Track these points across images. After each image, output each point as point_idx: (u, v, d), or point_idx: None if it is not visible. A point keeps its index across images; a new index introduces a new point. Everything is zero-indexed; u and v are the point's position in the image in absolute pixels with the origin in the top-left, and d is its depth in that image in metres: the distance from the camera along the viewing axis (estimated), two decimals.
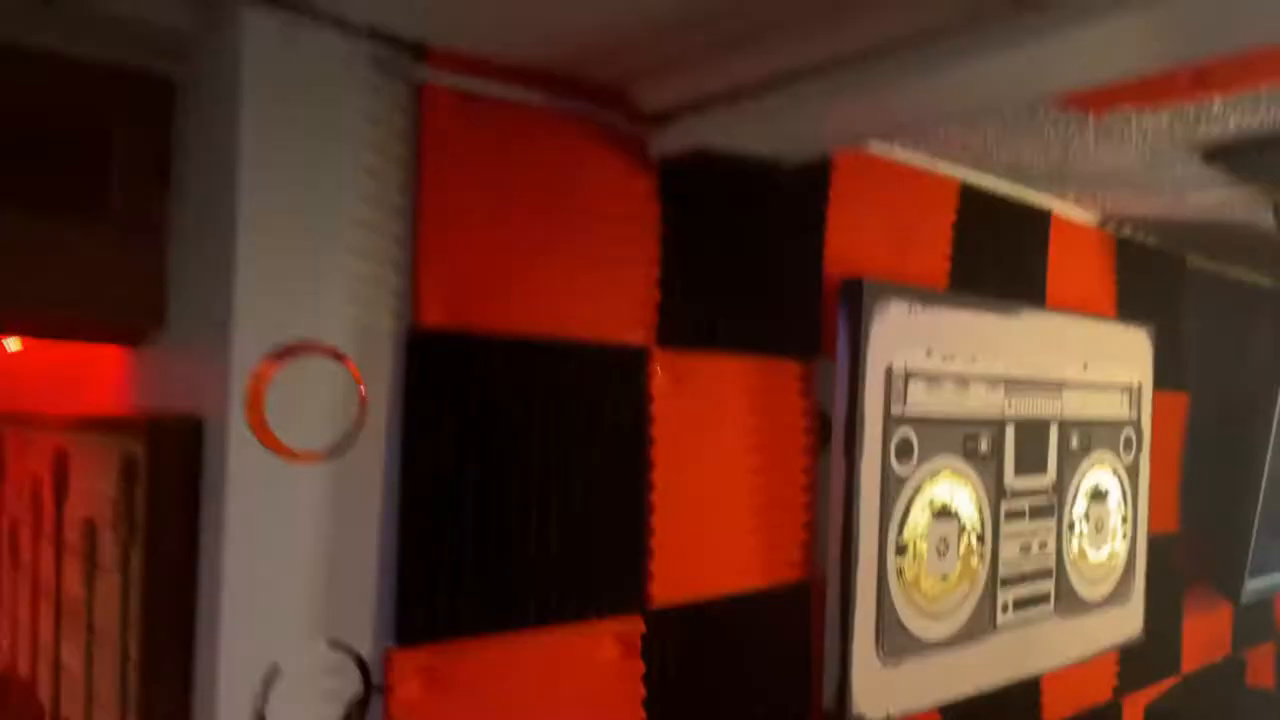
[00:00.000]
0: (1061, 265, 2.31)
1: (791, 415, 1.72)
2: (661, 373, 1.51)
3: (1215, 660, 2.90)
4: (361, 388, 1.21)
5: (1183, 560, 2.76)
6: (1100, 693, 2.43)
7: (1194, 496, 2.83)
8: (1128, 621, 2.40)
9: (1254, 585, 2.64)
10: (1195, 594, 2.82)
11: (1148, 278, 2.61)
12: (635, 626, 1.46)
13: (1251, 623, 3.08)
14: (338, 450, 1.19)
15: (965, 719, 2.02)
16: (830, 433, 1.73)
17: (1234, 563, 2.61)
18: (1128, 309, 2.51)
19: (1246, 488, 2.60)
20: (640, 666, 1.46)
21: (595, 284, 1.43)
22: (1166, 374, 2.67)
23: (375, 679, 1.21)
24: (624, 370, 1.45)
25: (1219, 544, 2.72)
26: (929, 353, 1.84)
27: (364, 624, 1.22)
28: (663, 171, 1.51)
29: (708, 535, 1.57)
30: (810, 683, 1.72)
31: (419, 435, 1.25)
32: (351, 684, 1.20)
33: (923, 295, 1.83)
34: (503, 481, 1.31)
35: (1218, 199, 2.25)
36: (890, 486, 1.77)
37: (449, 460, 1.26)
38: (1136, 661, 2.52)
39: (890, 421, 1.76)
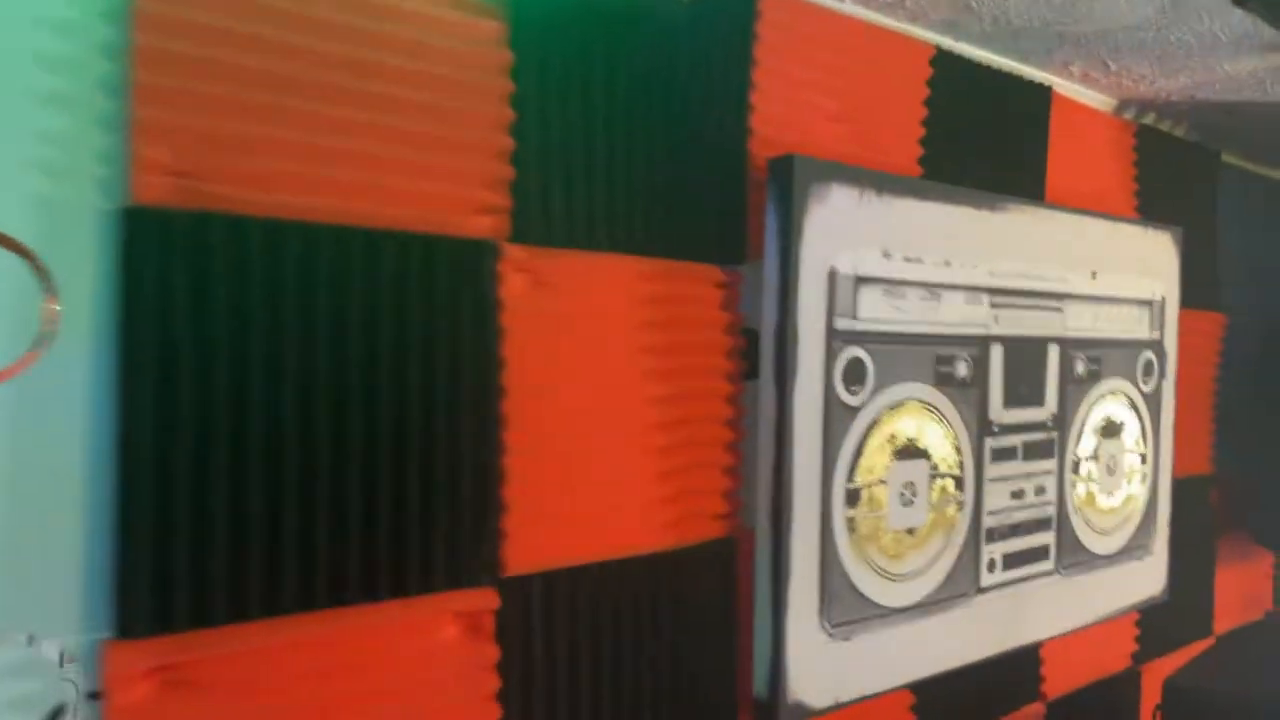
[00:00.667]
0: (1066, 154, 1.92)
1: (709, 334, 1.37)
2: (516, 276, 1.16)
3: (1252, 620, 2.54)
4: (50, 287, 0.88)
5: (1216, 506, 2.39)
6: (1115, 661, 2.08)
7: (1230, 433, 2.44)
8: (1148, 578, 2.04)
9: None
10: (1230, 544, 2.45)
11: (1175, 175, 2.20)
12: (484, 601, 1.13)
13: None
14: (13, 373, 0.87)
15: (945, 698, 1.69)
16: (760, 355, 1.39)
17: (1276, 508, 2.23)
18: (1150, 209, 2.12)
19: None
20: (492, 651, 1.14)
21: (410, 153, 1.08)
22: (1197, 289, 2.27)
23: (87, 682, 0.90)
24: (458, 270, 1.11)
25: (1259, 487, 2.34)
26: (887, 253, 1.47)
27: (68, 610, 0.91)
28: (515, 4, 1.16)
29: (590, 483, 1.23)
30: (736, 665, 1.39)
31: (138, 352, 0.92)
32: (53, 688, 0.90)
33: (878, 180, 1.46)
34: (271, 415, 0.98)
35: (1254, 67, 1.84)
36: (837, 420, 1.42)
37: (186, 386, 0.93)
38: (1160, 624, 2.16)
39: (835, 339, 1.41)
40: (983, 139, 1.74)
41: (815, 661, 1.40)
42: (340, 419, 1.02)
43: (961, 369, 1.60)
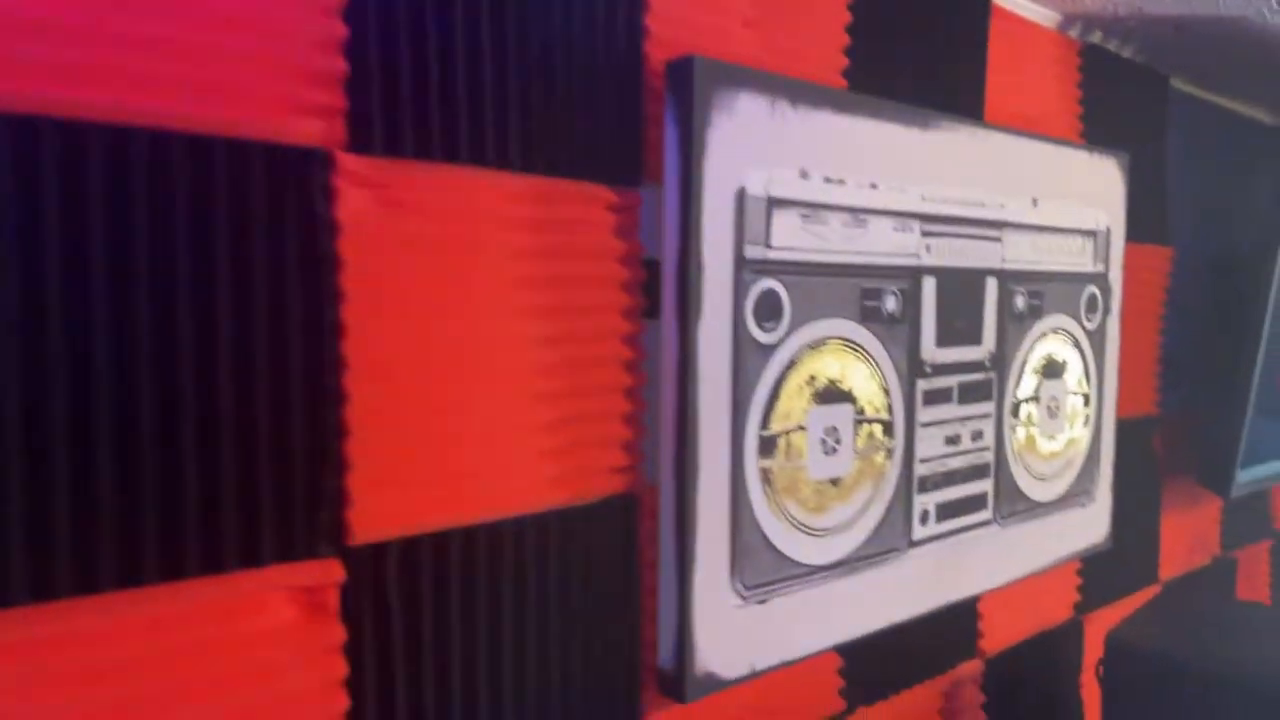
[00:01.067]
0: (1007, 72, 1.77)
1: (601, 265, 1.20)
2: (355, 192, 0.98)
3: (1200, 565, 2.47)
4: None
5: (1161, 449, 2.30)
6: (1056, 612, 1.99)
7: (1176, 372, 2.35)
8: (1090, 525, 1.94)
9: (1246, 477, 2.19)
10: (1176, 488, 2.37)
11: (1122, 99, 2.07)
12: (325, 574, 0.97)
13: (1243, 519, 2.64)
14: None
15: (875, 660, 1.58)
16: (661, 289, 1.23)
17: (1222, 451, 2.15)
18: (1095, 135, 1.99)
19: (1238, 363, 2.12)
20: (338, 632, 0.98)
21: (203, 35, 0.89)
22: (1144, 221, 2.16)
23: None
24: (279, 186, 0.93)
25: (1205, 429, 2.25)
26: (804, 173, 1.31)
27: None
28: None
29: (458, 435, 1.06)
30: (640, 636, 1.25)
31: None
32: None
33: (795, 90, 1.29)
34: (30, 360, 0.80)
35: None
36: (748, 360, 1.27)
37: None
38: (1103, 571, 2.08)
39: (745, 269, 1.25)
40: (915, 52, 1.58)
41: (727, 628, 1.26)
42: (128, 365, 0.84)
43: (890, 303, 1.46)
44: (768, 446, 1.30)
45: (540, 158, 1.14)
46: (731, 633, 1.27)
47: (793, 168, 1.30)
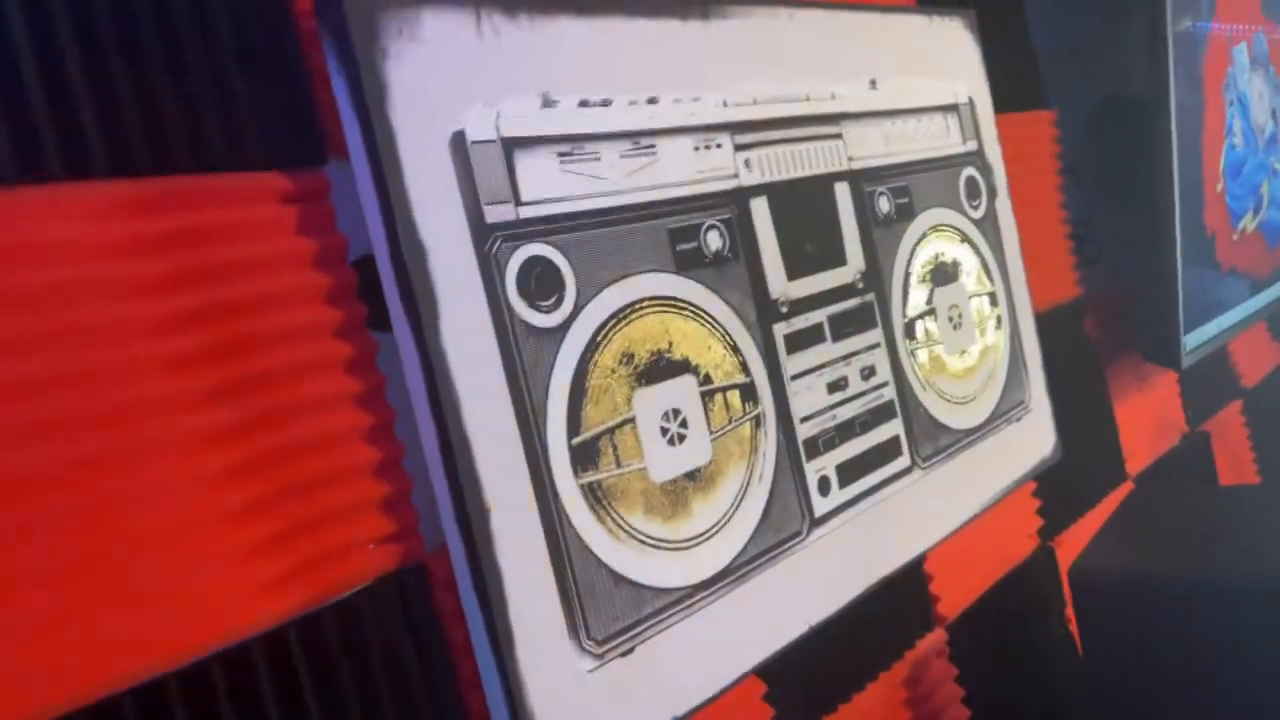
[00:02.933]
0: None
1: (286, 275, 0.88)
2: None
3: (1170, 448, 2.23)
4: None
5: (1095, 332, 2.05)
6: (1019, 546, 1.72)
7: (1094, 244, 2.11)
8: (1033, 439, 1.67)
9: (1194, 341, 1.94)
10: (1123, 370, 2.13)
11: None
12: None
13: (1205, 386, 2.41)
14: None
15: (809, 671, 1.29)
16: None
17: (1162, 318, 1.90)
18: None
19: (1157, 217, 1.87)
20: None
21: None
22: (1016, 85, 1.90)
23: None
24: None
25: (1138, 298, 2.01)
26: (549, 100, 1.01)
27: None
28: None
29: (77, 567, 0.75)
30: None
31: None
32: None
33: None
34: None
35: None
36: (528, 353, 0.97)
37: None
38: (1062, 485, 1.82)
39: (492, 239, 0.95)
40: None
41: (581, 701, 0.97)
42: None
43: (713, 241, 1.17)
44: (586, 455, 1.00)
45: (168, 152, 0.83)
46: (590, 704, 0.97)
47: (531, 95, 1.00)
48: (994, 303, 1.63)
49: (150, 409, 0.79)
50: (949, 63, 1.61)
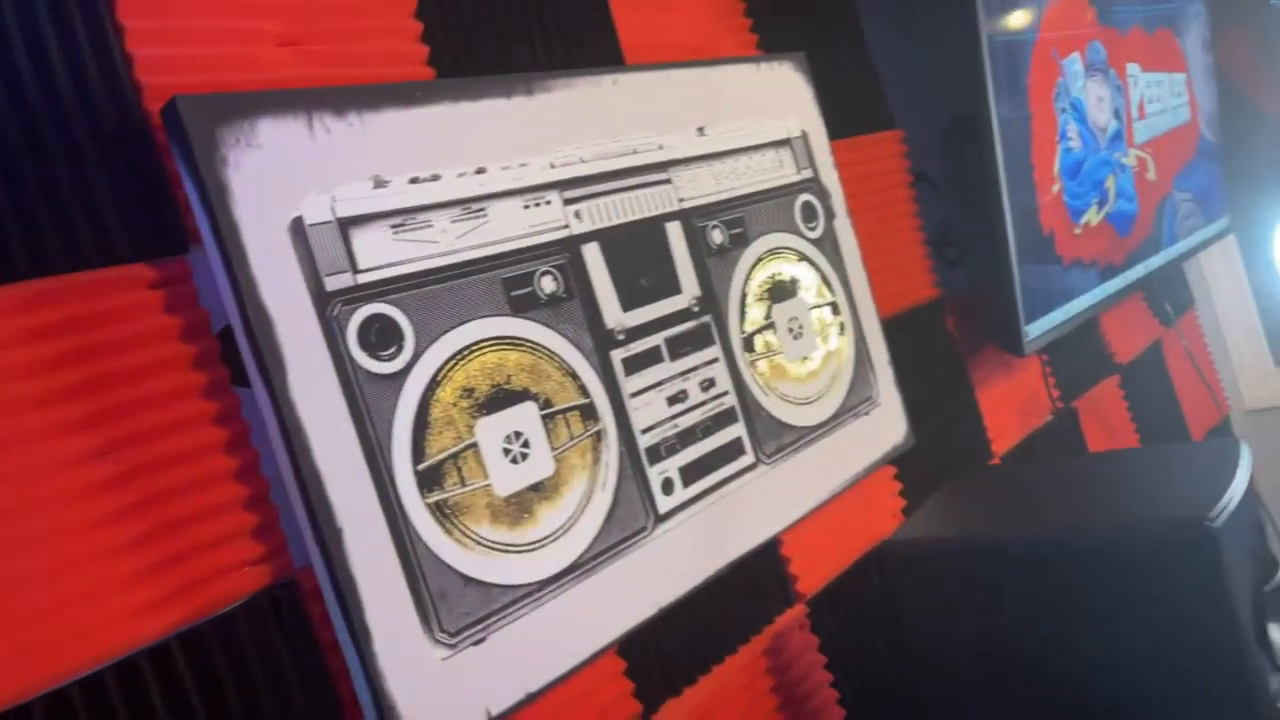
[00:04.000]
0: (640, 7, 1.69)
1: (156, 348, 1.07)
2: None
3: (1039, 426, 2.43)
4: None
5: (958, 328, 2.26)
6: (879, 526, 1.91)
7: (955, 248, 2.31)
8: (884, 429, 1.87)
9: (1036, 330, 2.14)
10: (989, 360, 2.33)
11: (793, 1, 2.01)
12: None
13: (1077, 367, 2.62)
14: None
15: (667, 648, 1.48)
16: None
17: (1005, 311, 2.10)
18: (776, 43, 1.92)
19: (990, 220, 2.07)
20: None
21: None
22: (862, 110, 2.11)
23: None
24: None
25: (987, 293, 2.21)
26: (380, 182, 1.20)
27: None
28: None
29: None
30: None
31: None
32: None
33: (338, 99, 1.18)
34: None
35: None
36: (373, 397, 1.15)
37: None
38: (926, 467, 2.02)
39: (334, 303, 1.14)
40: (512, 17, 1.48)
41: (436, 685, 1.15)
42: None
43: (547, 285, 1.36)
44: (432, 478, 1.19)
45: (43, 257, 1.01)
46: (446, 687, 1.16)
47: (364, 179, 1.19)
48: (836, 311, 1.82)
49: (41, 468, 0.97)
50: (780, 102, 1.80)
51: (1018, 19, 2.13)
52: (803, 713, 1.65)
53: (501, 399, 1.28)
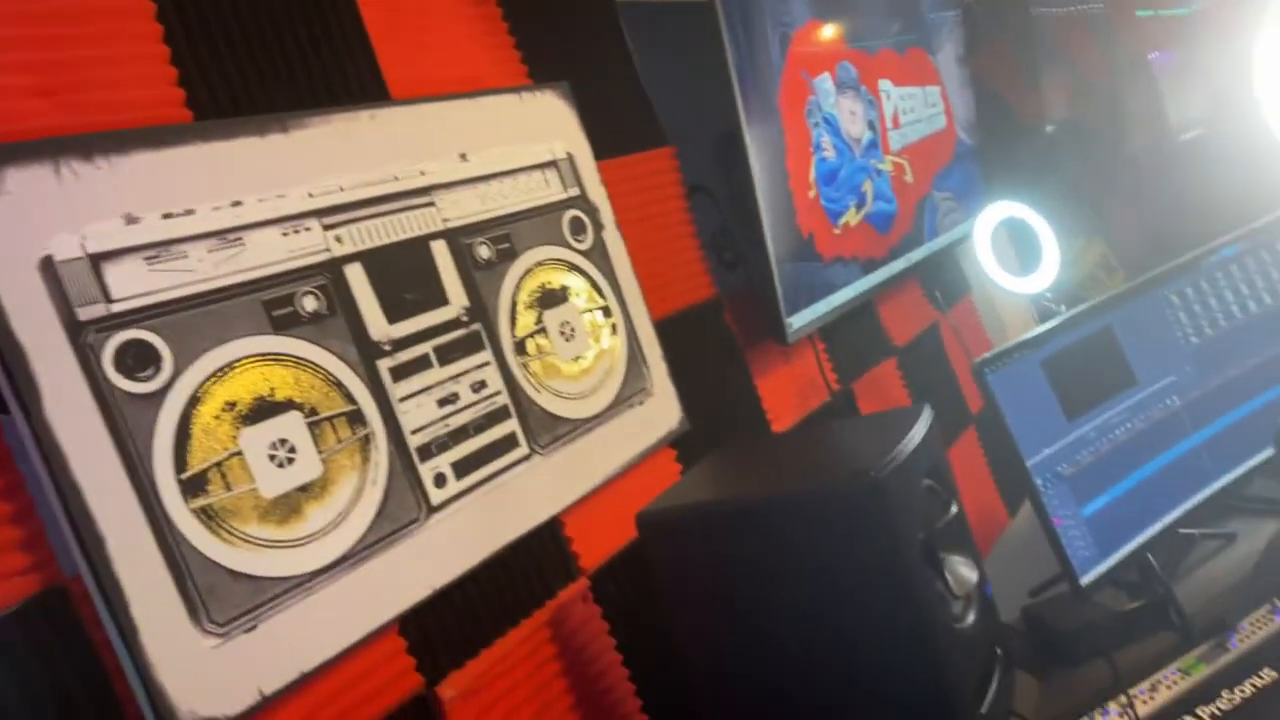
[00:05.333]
0: (404, 45, 1.84)
1: None
2: None
3: (816, 406, 2.71)
4: None
5: (736, 323, 2.50)
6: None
7: (730, 252, 2.56)
8: (658, 417, 2.09)
9: (798, 322, 2.41)
10: (770, 351, 2.59)
11: (564, 28, 2.20)
12: None
13: (855, 353, 2.92)
14: None
15: (448, 626, 1.63)
16: None
17: (769, 305, 2.36)
18: (545, 72, 2.11)
19: (750, 225, 2.32)
20: None
21: None
22: (634, 130, 2.32)
23: None
24: None
25: (755, 290, 2.46)
26: (133, 219, 1.32)
27: None
28: None
29: None
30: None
31: None
32: None
33: (85, 145, 1.29)
34: None
35: None
36: (132, 415, 1.27)
37: None
38: (705, 448, 2.24)
39: (87, 332, 1.25)
40: (271, 57, 1.61)
41: (207, 670, 1.27)
42: None
43: (309, 304, 1.50)
44: (196, 486, 1.31)
45: None
46: (217, 672, 1.28)
47: (115, 217, 1.30)
48: (607, 314, 2.03)
49: None
50: (545, 127, 1.99)
51: (765, 48, 2.40)
52: (587, 676, 1.84)
53: (265, 410, 1.41)
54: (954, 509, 1.61)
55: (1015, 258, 2.92)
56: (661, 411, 2.10)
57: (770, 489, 1.57)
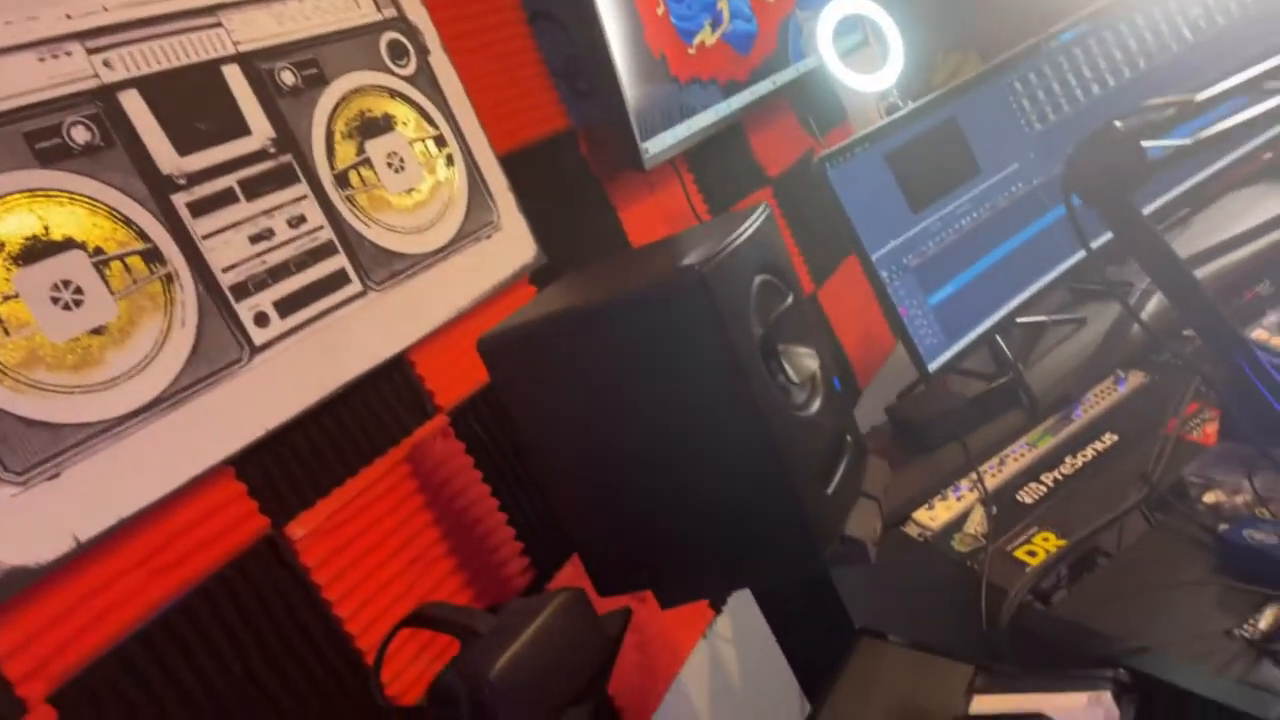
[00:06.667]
0: None
1: None
2: None
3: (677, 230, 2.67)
4: None
5: (593, 153, 2.42)
6: None
7: (583, 80, 2.45)
8: (510, 251, 2.02)
9: (655, 147, 2.34)
10: (631, 181, 2.52)
11: None
12: None
13: (729, 184, 2.87)
14: None
15: (291, 466, 1.59)
16: None
17: (623, 131, 2.28)
18: None
19: (597, 50, 2.21)
20: None
21: None
22: None
23: None
24: None
25: (615, 120, 2.37)
26: None
27: None
28: None
29: None
30: None
31: None
32: None
33: None
34: None
35: None
36: None
37: None
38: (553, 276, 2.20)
39: None
40: None
41: (10, 518, 1.21)
42: None
43: (79, 135, 1.37)
44: None
45: None
46: (22, 521, 1.22)
47: None
48: (441, 144, 1.93)
49: None
50: None
51: None
52: (455, 508, 1.83)
53: (41, 250, 1.30)
54: (790, 299, 1.61)
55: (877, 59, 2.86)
56: (513, 245, 2.03)
57: (601, 296, 1.53)
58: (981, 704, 1.47)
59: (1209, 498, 1.65)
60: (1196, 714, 1.33)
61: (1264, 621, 1.38)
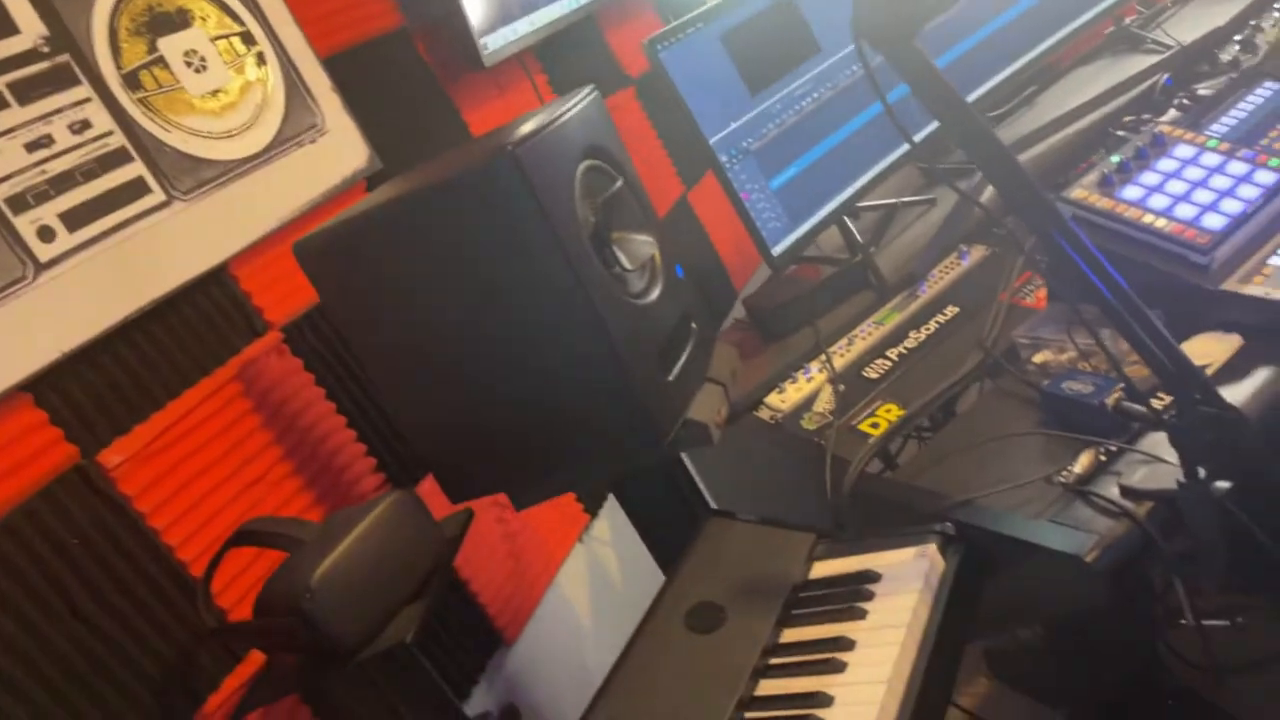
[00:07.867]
0: None
1: None
2: None
3: None
4: None
5: (432, 54, 2.30)
6: None
7: None
8: (338, 156, 1.91)
9: (497, 41, 2.24)
10: (477, 81, 2.42)
11: None
12: None
13: (578, 70, 2.78)
14: None
15: (100, 389, 1.50)
16: None
17: (460, 27, 2.17)
18: None
19: None
20: None
21: None
22: None
23: None
24: None
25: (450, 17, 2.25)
26: None
27: None
28: None
29: None
30: None
31: None
32: None
33: None
34: None
35: None
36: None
37: None
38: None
39: None
40: None
41: None
42: None
43: None
44: None
45: None
46: None
47: None
48: (249, 41, 1.79)
49: None
50: None
51: None
52: (298, 426, 1.76)
53: None
54: (618, 183, 1.56)
55: None
56: (342, 150, 1.92)
57: (417, 186, 1.46)
58: (820, 569, 1.51)
59: (1038, 358, 1.71)
60: (1014, 555, 1.38)
61: (1079, 466, 1.44)
